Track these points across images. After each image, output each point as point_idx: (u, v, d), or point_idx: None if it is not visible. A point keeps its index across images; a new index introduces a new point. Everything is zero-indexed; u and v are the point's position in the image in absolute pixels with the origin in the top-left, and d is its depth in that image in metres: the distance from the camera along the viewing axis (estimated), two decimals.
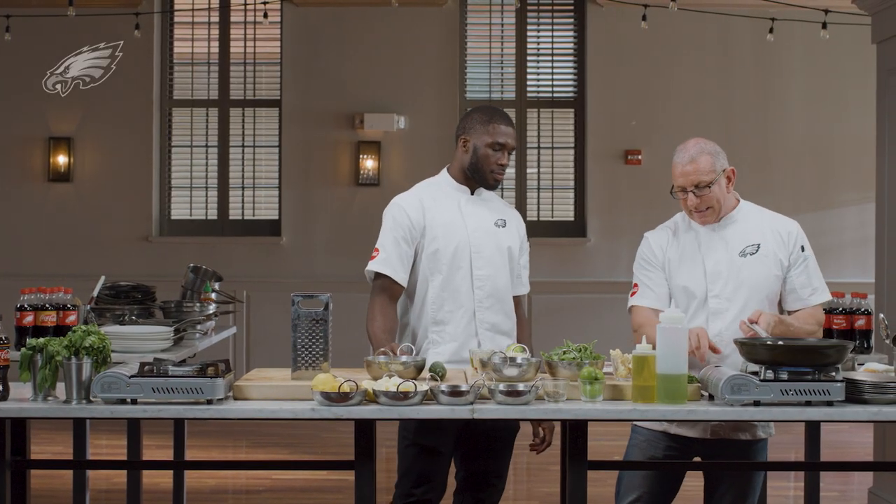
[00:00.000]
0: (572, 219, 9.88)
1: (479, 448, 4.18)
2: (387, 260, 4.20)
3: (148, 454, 7.18)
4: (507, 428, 4.20)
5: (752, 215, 4.21)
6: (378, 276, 4.21)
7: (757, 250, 4.10)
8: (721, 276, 4.07)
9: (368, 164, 9.66)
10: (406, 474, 4.11)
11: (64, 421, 4.92)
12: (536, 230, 9.85)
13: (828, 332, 4.76)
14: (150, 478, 6.56)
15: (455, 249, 4.20)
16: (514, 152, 4.32)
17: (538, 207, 9.92)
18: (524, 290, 4.38)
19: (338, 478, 6.73)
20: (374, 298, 4.20)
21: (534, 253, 9.61)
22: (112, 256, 9.58)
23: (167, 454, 6.17)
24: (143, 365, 3.54)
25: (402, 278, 4.20)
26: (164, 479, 6.30)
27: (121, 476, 6.19)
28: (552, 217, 9.91)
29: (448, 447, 4.14)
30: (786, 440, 7.09)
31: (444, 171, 4.37)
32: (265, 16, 9.30)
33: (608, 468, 3.93)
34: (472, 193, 4.30)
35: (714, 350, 3.84)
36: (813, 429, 4.93)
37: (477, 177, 4.26)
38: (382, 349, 3.92)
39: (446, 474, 4.17)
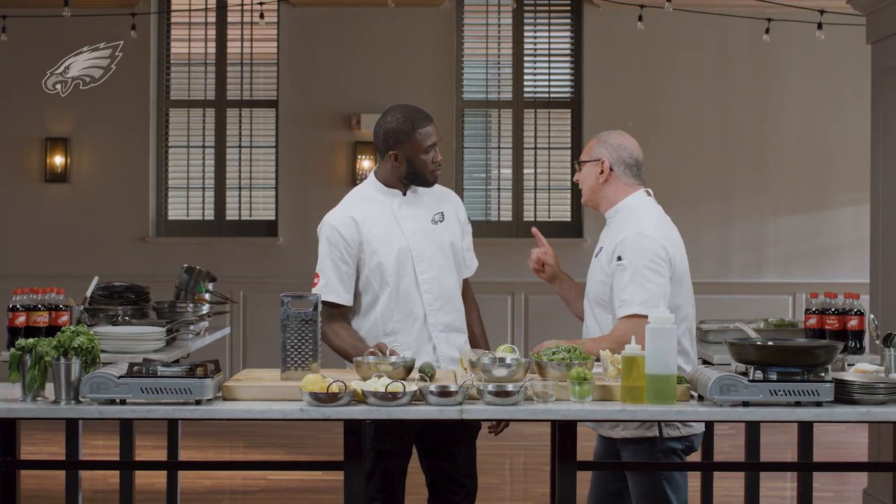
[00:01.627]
0: (569, 219, 9.88)
1: (441, 449, 4.17)
2: (328, 285, 4.12)
3: (144, 454, 7.19)
4: (468, 427, 4.17)
5: (623, 218, 4.06)
6: (323, 302, 4.07)
7: (598, 253, 4.10)
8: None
9: (365, 164, 9.66)
10: (370, 477, 4.08)
11: (59, 421, 4.93)
12: None
13: (820, 333, 4.76)
14: (146, 478, 6.57)
15: (397, 258, 4.14)
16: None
17: (535, 208, 9.91)
18: (469, 272, 4.35)
19: (333, 478, 6.72)
20: (328, 324, 4.11)
21: (530, 253, 9.64)
22: (109, 257, 9.58)
23: (163, 454, 6.17)
24: (132, 365, 3.53)
25: (346, 299, 4.14)
26: (160, 479, 6.30)
27: (117, 476, 6.19)
28: (549, 217, 9.90)
29: (406, 449, 4.13)
30: (781, 440, 7.10)
31: (372, 176, 4.27)
32: (261, 16, 9.30)
33: (597, 469, 3.92)
34: (406, 193, 4.23)
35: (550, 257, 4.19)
36: (805, 429, 4.93)
37: (417, 181, 4.19)
38: (371, 350, 3.91)
39: (405, 474, 4.17)
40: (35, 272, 9.28)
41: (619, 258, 3.92)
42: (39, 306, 4.77)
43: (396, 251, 4.14)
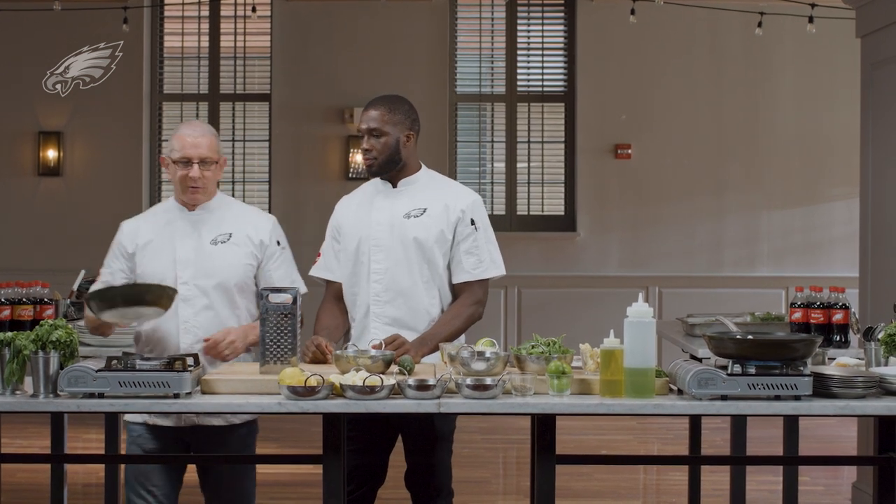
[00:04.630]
0: (562, 213, 9.88)
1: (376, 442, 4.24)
2: (324, 264, 4.31)
3: None
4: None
5: (232, 206, 4.31)
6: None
7: (227, 240, 4.23)
8: None
9: (358, 158, 9.66)
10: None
11: (52, 415, 4.92)
12: (526, 224, 9.85)
13: (805, 327, 4.75)
14: None
15: (357, 245, 4.19)
16: (378, 135, 4.17)
17: (528, 202, 9.91)
18: (466, 276, 4.18)
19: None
20: (322, 302, 4.30)
21: (524, 247, 9.69)
22: (102, 250, 9.39)
23: None
24: (110, 359, 3.53)
25: (338, 276, 4.29)
26: None
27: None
28: (542, 211, 9.90)
29: (362, 436, 4.14)
30: (773, 435, 7.08)
31: None
32: (254, 10, 9.29)
33: (577, 462, 3.93)
34: (396, 185, 4.24)
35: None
36: (791, 423, 4.93)
37: None
38: (307, 343, 4.01)
39: (367, 462, 4.17)
40: (28, 266, 9.29)
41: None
42: (24, 300, 4.77)
43: (358, 240, 4.20)
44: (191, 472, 4.33)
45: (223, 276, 4.13)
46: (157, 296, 3.78)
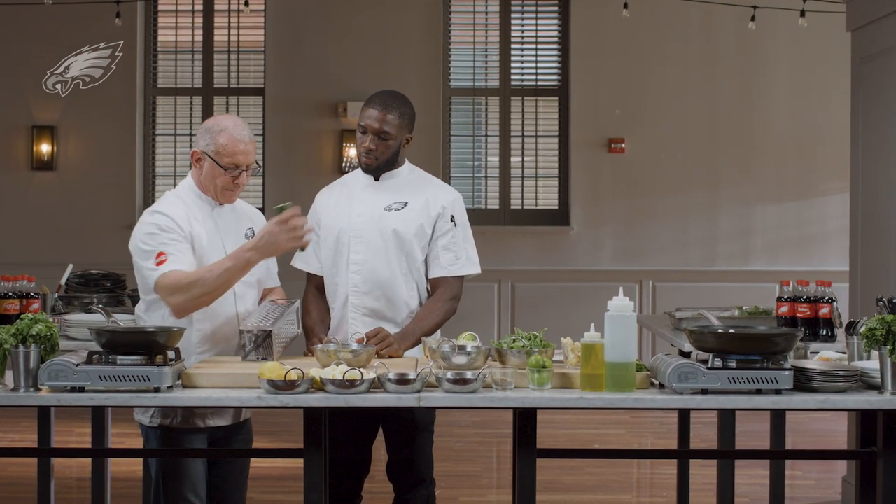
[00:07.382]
0: (556, 207, 9.88)
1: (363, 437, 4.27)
2: (302, 256, 4.32)
3: (130, 443, 7.19)
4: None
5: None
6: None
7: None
8: None
9: (352, 152, 9.65)
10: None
11: (44, 409, 4.92)
12: (520, 219, 9.85)
13: (792, 321, 4.76)
14: (128, 465, 6.57)
15: (337, 236, 4.22)
16: (385, 137, 4.19)
17: (522, 196, 9.91)
18: (441, 272, 4.23)
19: None
20: (305, 291, 4.32)
21: (517, 241, 9.68)
22: (96, 245, 9.58)
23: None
24: (91, 353, 3.53)
25: (316, 268, 4.31)
26: (139, 467, 6.30)
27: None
28: (536, 205, 9.90)
29: (344, 429, 4.14)
30: (764, 429, 7.09)
31: None
32: (247, 4, 9.30)
33: (557, 456, 3.92)
34: (378, 179, 4.28)
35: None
36: (777, 417, 4.93)
37: (358, 161, 4.29)
38: (314, 340, 4.02)
39: (350, 455, 4.19)
40: (21, 260, 9.27)
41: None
42: (10, 294, 4.78)
43: (338, 231, 4.23)
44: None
45: (259, 273, 4.11)
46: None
